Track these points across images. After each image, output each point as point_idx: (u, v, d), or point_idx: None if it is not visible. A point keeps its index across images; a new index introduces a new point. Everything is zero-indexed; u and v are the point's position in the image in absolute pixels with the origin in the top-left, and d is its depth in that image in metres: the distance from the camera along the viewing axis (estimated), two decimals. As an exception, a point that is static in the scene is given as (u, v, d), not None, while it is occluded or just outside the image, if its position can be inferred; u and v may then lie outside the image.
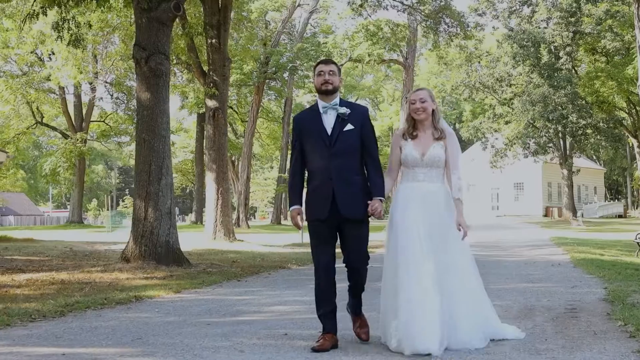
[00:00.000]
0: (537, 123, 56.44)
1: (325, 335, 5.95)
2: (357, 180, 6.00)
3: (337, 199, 5.86)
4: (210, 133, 25.65)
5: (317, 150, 5.98)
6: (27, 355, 5.87)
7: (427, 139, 6.21)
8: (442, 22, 29.92)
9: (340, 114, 5.97)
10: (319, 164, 5.98)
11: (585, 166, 73.99)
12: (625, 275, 12.04)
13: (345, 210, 5.87)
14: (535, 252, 19.62)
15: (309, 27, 55.93)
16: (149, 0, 14.67)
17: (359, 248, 6.01)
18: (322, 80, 6.03)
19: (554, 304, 8.53)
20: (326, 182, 5.90)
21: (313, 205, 6.01)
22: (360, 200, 5.94)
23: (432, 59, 73.66)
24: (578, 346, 5.74)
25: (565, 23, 55.08)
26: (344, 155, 5.93)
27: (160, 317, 8.02)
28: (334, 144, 5.93)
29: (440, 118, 6.33)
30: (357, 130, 5.99)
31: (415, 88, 6.81)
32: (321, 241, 5.97)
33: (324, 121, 6.01)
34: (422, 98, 6.20)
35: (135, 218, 15.07)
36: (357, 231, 5.98)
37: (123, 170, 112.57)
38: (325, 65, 6.14)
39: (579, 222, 50.16)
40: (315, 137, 5.99)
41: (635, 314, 7.05)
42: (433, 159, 6.14)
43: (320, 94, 6.12)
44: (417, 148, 6.17)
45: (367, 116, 6.18)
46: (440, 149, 6.16)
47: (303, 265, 16.01)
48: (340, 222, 5.93)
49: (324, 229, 5.94)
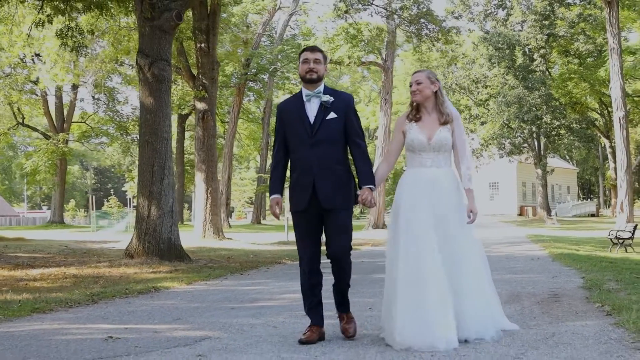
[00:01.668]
0: (512, 124, 57.46)
1: (312, 327, 5.83)
2: (339, 170, 5.81)
3: (317, 190, 5.72)
4: (200, 135, 26.40)
5: (298, 139, 5.85)
6: (96, 330, 6.63)
7: (432, 122, 6.01)
8: (424, 28, 30.83)
9: (323, 102, 5.83)
10: (300, 153, 5.84)
11: (558, 166, 75.16)
12: (600, 267, 13.02)
13: (326, 202, 5.72)
14: (514, 248, 20.54)
15: (288, 29, 56.72)
16: (152, 9, 15.45)
17: (340, 237, 5.76)
18: (306, 68, 5.85)
19: (537, 291, 9.37)
20: (307, 172, 5.77)
21: (295, 196, 5.88)
22: (342, 190, 5.79)
23: (408, 60, 74.76)
24: (563, 322, 6.55)
25: (539, 26, 56.21)
26: (326, 144, 5.78)
27: (186, 304, 8.82)
28: (315, 132, 5.78)
29: (445, 101, 6.10)
30: (340, 118, 5.84)
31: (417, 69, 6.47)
32: (305, 233, 5.86)
33: (306, 109, 5.87)
34: (417, 80, 6.03)
35: (139, 216, 15.82)
36: (338, 220, 5.77)
37: (99, 170, 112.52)
38: (311, 53, 5.93)
39: (553, 221, 51.23)
40: (297, 125, 5.86)
41: (611, 297, 7.95)
42: (440, 143, 5.93)
43: (304, 82, 5.94)
44: (423, 131, 5.97)
45: (351, 104, 6.00)
46: (447, 132, 5.96)
47: (296, 261, 16.80)
48: (321, 212, 5.78)
49: (307, 221, 5.82)
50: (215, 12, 26.23)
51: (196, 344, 5.70)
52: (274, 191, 5.95)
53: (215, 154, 27.75)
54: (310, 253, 5.85)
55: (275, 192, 5.94)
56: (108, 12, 17.08)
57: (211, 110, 26.43)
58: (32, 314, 7.84)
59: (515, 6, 57.88)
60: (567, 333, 5.84)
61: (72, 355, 5.25)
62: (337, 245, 5.76)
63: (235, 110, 47.39)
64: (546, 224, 49.92)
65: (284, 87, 52.91)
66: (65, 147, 51.93)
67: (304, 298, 5.97)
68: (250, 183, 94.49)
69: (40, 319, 7.43)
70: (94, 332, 6.45)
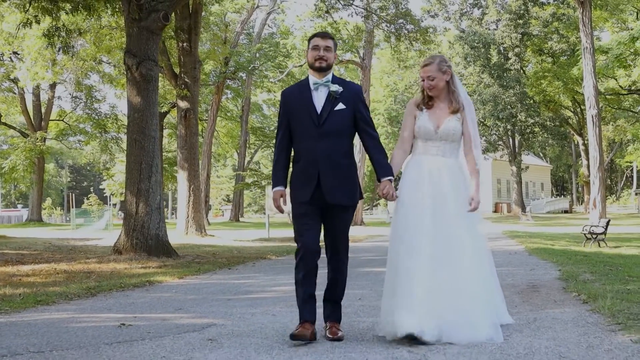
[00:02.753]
0: (487, 122, 58.16)
1: (303, 324, 5.44)
2: (346, 163, 5.58)
3: (322, 184, 5.47)
4: (182, 133, 26.70)
5: (304, 130, 5.56)
6: (106, 318, 6.99)
7: (443, 110, 5.80)
8: (403, 28, 31.33)
9: (332, 92, 5.56)
10: (305, 144, 5.55)
11: (533, 163, 75.98)
12: (575, 260, 13.56)
13: (331, 197, 5.48)
14: (491, 244, 20.94)
15: (266, 27, 57.05)
16: (139, 10, 15.77)
17: (341, 232, 5.62)
18: (316, 55, 5.58)
19: (517, 282, 9.83)
20: (312, 165, 5.50)
21: (297, 187, 5.59)
22: (348, 185, 5.57)
23: (384, 58, 75.31)
24: (543, 309, 7.01)
25: (514, 25, 57.01)
26: (333, 136, 5.51)
27: (182, 296, 9.19)
28: (322, 123, 5.50)
29: (456, 89, 5.86)
30: (348, 110, 5.58)
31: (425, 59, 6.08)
32: (304, 223, 5.54)
33: (313, 98, 5.59)
34: (430, 76, 5.77)
35: (127, 213, 16.12)
36: (342, 216, 5.60)
37: (74, 168, 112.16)
38: (322, 40, 5.66)
39: (528, 217, 51.98)
40: (303, 115, 5.57)
41: (587, 287, 8.43)
42: (448, 133, 5.73)
43: (313, 70, 5.67)
44: (432, 119, 5.76)
45: (360, 95, 5.76)
46: (456, 122, 5.76)
47: (281, 256, 17.26)
48: (324, 206, 5.54)
49: (308, 210, 5.53)
50: (197, 12, 26.54)
51: (204, 330, 6.07)
52: (278, 183, 5.68)
53: (198, 152, 28.06)
54: (309, 241, 5.48)
55: (279, 184, 5.67)
56: (95, 13, 17.35)
57: (193, 109, 26.76)
58: (37, 306, 8.15)
59: (490, 5, 58.63)
60: (548, 319, 6.25)
61: (91, 339, 5.62)
62: (338, 238, 5.62)
63: (214, 109, 47.66)
64: (521, 220, 50.66)
65: (262, 85, 53.26)
66: (43, 146, 51.88)
67: (297, 288, 5.55)
68: (227, 181, 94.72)
69: (46, 310, 7.77)
70: (105, 320, 6.82)
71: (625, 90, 55.93)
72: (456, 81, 5.87)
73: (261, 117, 70.56)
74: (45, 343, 5.47)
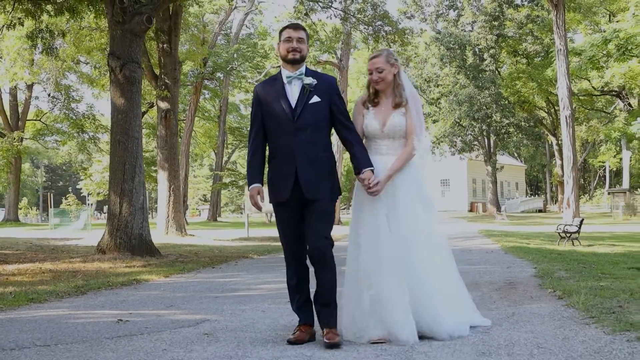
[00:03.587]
0: (463, 122, 58.66)
1: (301, 326, 5.44)
2: (323, 157, 5.44)
3: (300, 180, 5.31)
4: (163, 133, 26.85)
5: (279, 125, 5.41)
6: (102, 315, 7.22)
7: (387, 107, 5.65)
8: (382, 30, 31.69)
9: (305, 85, 5.41)
10: (281, 139, 5.40)
11: (508, 163, 76.60)
12: (550, 258, 13.92)
13: (310, 192, 5.32)
14: (468, 242, 21.44)
15: (244, 28, 57.20)
16: (123, 13, 15.95)
17: (322, 227, 5.35)
18: (289, 47, 5.44)
19: (494, 279, 10.13)
20: (289, 160, 5.35)
21: (275, 185, 5.45)
22: (327, 180, 5.41)
23: (361, 59, 75.61)
24: (520, 305, 7.30)
25: (489, 26, 57.54)
26: (310, 130, 5.36)
27: (171, 293, 9.42)
28: (297, 117, 5.35)
29: (402, 82, 5.69)
30: (324, 102, 5.43)
31: (372, 53, 5.93)
32: (288, 225, 5.47)
33: (287, 92, 5.43)
34: (378, 68, 5.62)
35: (110, 213, 16.30)
36: (321, 210, 5.36)
37: (50, 168, 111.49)
38: (294, 31, 5.52)
39: (503, 217, 52.49)
40: (277, 109, 5.42)
41: (562, 284, 8.76)
42: (394, 130, 5.57)
43: (285, 63, 5.51)
44: (378, 117, 5.62)
45: (335, 87, 5.62)
46: (400, 117, 5.58)
47: (262, 255, 17.55)
48: (304, 202, 5.37)
49: (289, 213, 5.42)
50: (177, 13, 26.70)
51: (199, 325, 6.33)
52: (254, 180, 5.52)
53: (178, 153, 28.24)
54: (295, 246, 5.46)
55: (255, 181, 5.52)
56: (78, 15, 17.50)
57: (173, 110, 26.94)
58: (30, 303, 8.35)
59: (465, 7, 59.14)
60: (525, 313, 6.54)
61: (92, 334, 5.87)
62: (317, 235, 5.31)
63: (192, 109, 47.71)
64: (496, 219, 51.15)
65: (240, 85, 53.40)
66: (20, 145, 51.68)
67: (291, 294, 5.56)
68: (204, 181, 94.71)
69: (40, 308, 7.98)
70: (101, 316, 7.07)
71: (598, 92, 56.74)
72: (402, 75, 5.73)
73: (239, 117, 70.67)
74: (49, 337, 5.72)
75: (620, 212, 48.78)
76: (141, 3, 16.46)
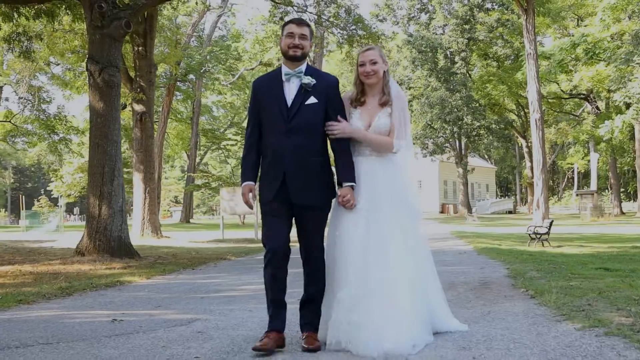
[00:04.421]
0: (434, 124, 59.27)
1: (269, 333, 5.19)
2: (315, 162, 5.23)
3: (287, 183, 5.16)
4: (138, 136, 26.97)
5: (272, 124, 5.22)
6: (96, 315, 7.44)
7: (373, 106, 5.49)
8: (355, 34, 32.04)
9: (303, 84, 5.21)
10: (272, 139, 5.22)
11: (478, 165, 77.42)
12: (521, 259, 14.32)
13: (297, 198, 5.17)
14: (441, 244, 21.77)
15: (217, 30, 57.33)
16: (102, 18, 16.12)
17: (313, 234, 5.29)
18: (290, 43, 5.24)
19: (469, 280, 10.45)
20: (278, 162, 5.18)
21: (264, 184, 5.31)
22: (317, 185, 5.23)
23: (333, 61, 75.96)
24: (495, 304, 7.62)
25: (460, 30, 58.27)
26: (303, 132, 5.16)
27: (156, 294, 9.64)
28: (292, 118, 5.16)
29: (389, 80, 5.56)
30: (321, 104, 5.22)
31: (365, 46, 5.81)
32: (272, 222, 5.25)
33: (284, 90, 5.24)
34: (372, 59, 5.45)
35: (90, 215, 16.45)
36: (311, 219, 5.28)
37: (18, 170, 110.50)
38: (298, 27, 5.29)
39: (474, 218, 53.07)
40: (272, 107, 5.22)
41: (533, 283, 9.11)
42: (379, 130, 5.40)
43: (286, 59, 5.31)
44: (363, 117, 5.45)
45: (335, 89, 5.39)
46: (386, 118, 5.42)
47: (239, 257, 17.79)
48: (292, 206, 5.23)
49: (275, 209, 5.22)
50: (153, 16, 26.81)
51: (190, 324, 6.59)
52: (247, 178, 5.35)
53: (154, 155, 28.37)
54: (277, 242, 5.18)
55: (248, 179, 5.35)
56: (57, 19, 17.61)
57: (149, 112, 27.08)
58: (19, 305, 8.52)
59: (437, 10, 59.78)
60: (500, 311, 6.88)
61: (91, 333, 6.12)
62: (311, 242, 5.30)
63: (165, 111, 47.77)
64: (467, 221, 51.69)
65: (212, 87, 53.52)
66: (-11, 147, 51.41)
67: (267, 294, 5.32)
68: (176, 182, 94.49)
69: (31, 309, 8.18)
70: (95, 316, 7.31)
71: (566, 95, 57.61)
72: (388, 75, 5.59)
73: (211, 119, 70.74)
74: (50, 336, 5.96)
75: (588, 214, 49.56)
76: (120, 8, 16.65)
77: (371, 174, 5.35)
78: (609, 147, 54.21)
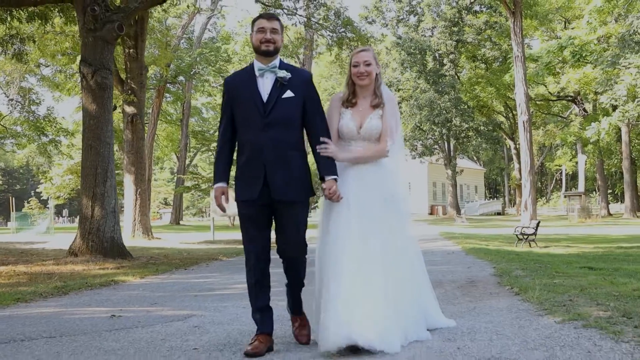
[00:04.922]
0: (423, 126, 59.55)
1: (259, 336, 5.20)
2: (295, 156, 5.20)
3: (269, 178, 5.09)
4: (129, 137, 27.11)
5: (248, 120, 5.16)
6: (94, 311, 7.66)
7: (365, 107, 5.49)
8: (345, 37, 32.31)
9: (279, 78, 5.16)
10: (250, 135, 5.16)
11: (467, 167, 77.72)
12: (508, 259, 14.56)
13: (278, 193, 5.11)
14: (430, 244, 21.99)
15: (206, 32, 57.50)
16: (94, 21, 16.31)
17: (295, 234, 5.24)
18: (262, 38, 5.17)
19: (456, 278, 10.70)
20: (257, 158, 5.12)
21: (242, 183, 5.21)
22: (297, 180, 5.19)
23: (322, 63, 76.27)
24: (481, 300, 7.88)
25: (448, 32, 58.59)
26: (280, 126, 5.12)
27: (150, 293, 9.87)
28: (269, 113, 5.10)
29: (381, 83, 5.59)
30: (297, 98, 5.19)
31: (359, 48, 5.75)
32: (252, 226, 5.22)
33: (259, 85, 5.16)
34: (366, 61, 5.46)
35: (83, 216, 16.63)
36: (293, 215, 5.21)
37: (6, 171, 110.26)
38: (268, 22, 5.22)
39: (462, 219, 53.28)
40: (247, 103, 5.16)
41: (519, 281, 9.36)
42: (370, 132, 5.42)
43: (258, 54, 5.24)
44: (355, 118, 5.45)
45: (310, 83, 5.36)
46: (377, 120, 5.43)
47: (230, 257, 17.99)
48: (273, 204, 5.16)
49: (255, 213, 5.18)
50: (143, 19, 26.94)
51: (187, 319, 6.84)
52: (219, 179, 5.31)
53: (145, 157, 28.53)
54: (259, 247, 5.22)
55: (220, 180, 5.31)
56: (50, 22, 17.78)
57: (140, 114, 27.23)
58: (18, 303, 8.74)
59: (426, 13, 60.10)
60: (485, 307, 7.14)
61: (91, 327, 6.36)
62: (292, 243, 5.27)
63: (155, 112, 47.85)
64: (456, 222, 51.89)
65: (202, 89, 53.65)
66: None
67: (252, 300, 5.33)
68: (165, 184, 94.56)
69: (30, 307, 8.39)
70: (93, 313, 7.54)
71: (554, 97, 58.06)
72: (381, 77, 5.62)
73: (201, 121, 70.85)
74: (53, 330, 6.20)
75: (575, 215, 49.94)
76: (112, 11, 16.85)
77: (361, 175, 5.36)
78: (596, 149, 54.60)
